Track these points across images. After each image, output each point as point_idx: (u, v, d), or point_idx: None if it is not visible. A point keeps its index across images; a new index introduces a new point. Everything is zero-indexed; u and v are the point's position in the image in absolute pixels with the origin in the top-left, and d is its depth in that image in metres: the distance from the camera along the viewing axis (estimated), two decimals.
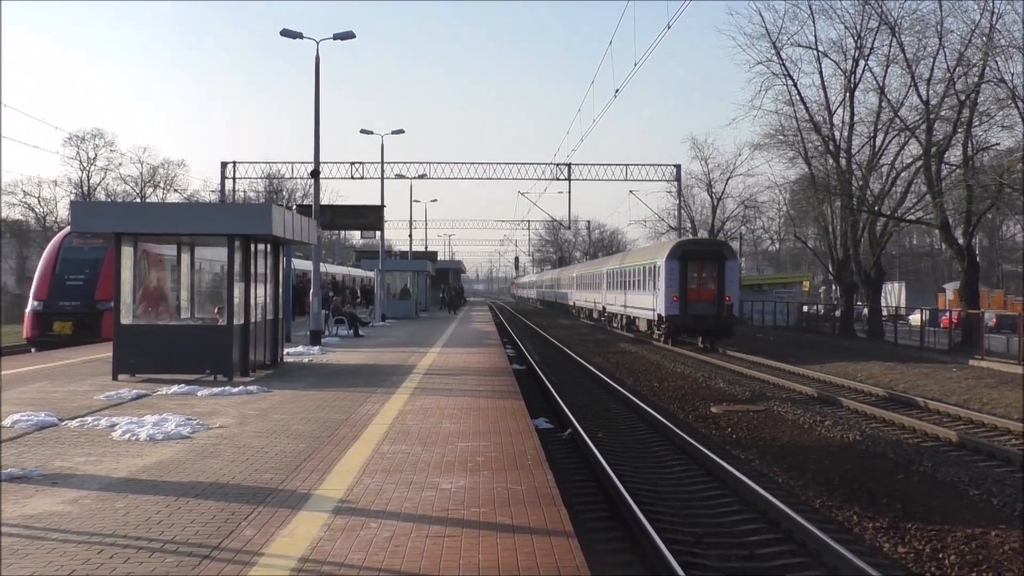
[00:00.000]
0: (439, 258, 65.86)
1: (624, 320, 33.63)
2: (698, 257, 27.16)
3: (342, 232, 70.49)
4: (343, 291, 41.82)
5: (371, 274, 48.61)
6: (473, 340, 22.19)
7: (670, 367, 21.36)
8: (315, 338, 18.52)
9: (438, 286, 48.89)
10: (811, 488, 8.71)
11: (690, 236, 41.94)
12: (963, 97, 24.98)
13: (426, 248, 60.99)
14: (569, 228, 56.78)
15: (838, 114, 29.61)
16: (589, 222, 78.43)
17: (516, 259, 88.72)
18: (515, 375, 13.89)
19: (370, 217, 27.51)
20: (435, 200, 60.37)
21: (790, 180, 39.70)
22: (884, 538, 7.15)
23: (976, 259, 26.76)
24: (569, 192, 41.53)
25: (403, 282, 36.95)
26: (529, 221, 72.29)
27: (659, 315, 27.85)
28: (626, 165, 40.53)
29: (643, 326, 30.26)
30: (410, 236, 46.54)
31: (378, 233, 31.02)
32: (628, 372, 20.41)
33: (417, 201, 54.84)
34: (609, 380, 17.68)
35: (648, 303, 29.48)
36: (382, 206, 28.66)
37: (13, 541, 4.73)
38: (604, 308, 38.36)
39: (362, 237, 39.01)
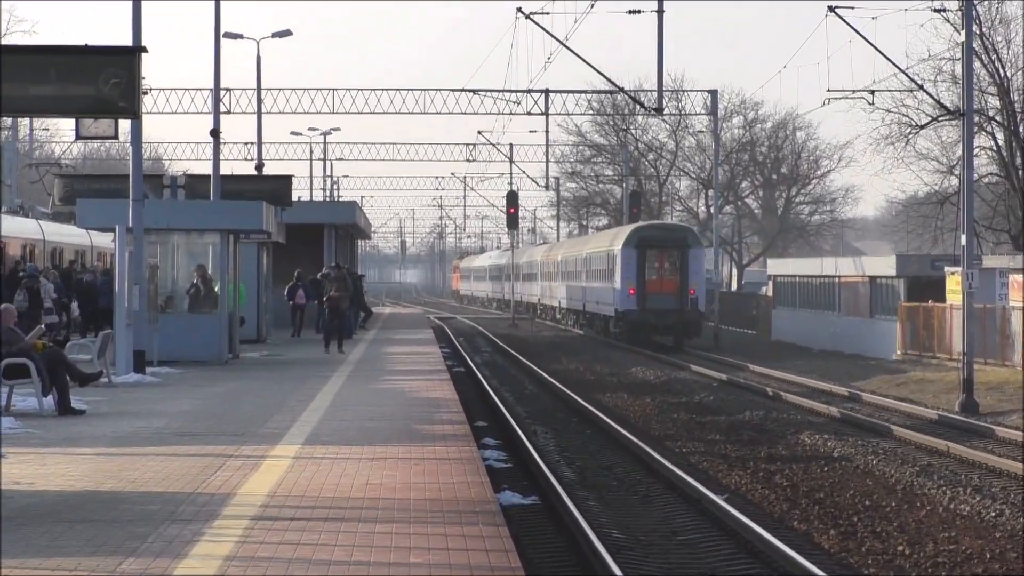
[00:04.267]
0: (299, 198, 65.81)
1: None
2: (658, 244, 60.75)
3: (26, 123, 69.93)
4: (30, 287, 41.69)
5: (106, 241, 49.12)
6: (393, 421, 22.56)
7: (964, 514, 21.48)
8: None
9: (292, 271, 49.92)
10: None
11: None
12: None
13: (260, 168, 61.05)
14: (660, 110, 56.58)
15: None
16: (714, 95, 77.73)
17: (511, 196, 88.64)
18: (510, 518, 13.99)
19: (102, 83, 27.22)
20: (286, 33, 60.10)
21: None
22: None
23: None
24: (660, 13, 41.25)
25: (196, 262, 37.97)
26: (547, 91, 71.59)
27: (615, 310, 60.36)
28: None
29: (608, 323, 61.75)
30: (215, 135, 46.23)
31: (129, 127, 31.03)
32: (845, 528, 20.43)
33: (236, 37, 54.28)
34: (783, 547, 17.69)
35: (606, 297, 59.76)
36: (138, 49, 28.44)
37: None
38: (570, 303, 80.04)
39: (82, 137, 39.15)
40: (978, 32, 48.98)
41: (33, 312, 35.08)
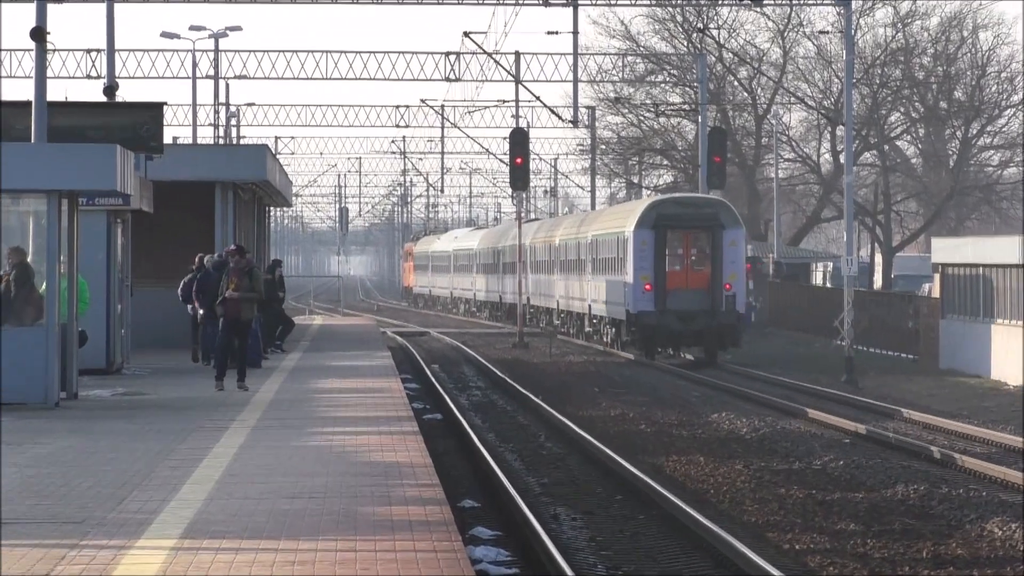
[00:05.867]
0: (174, 139, 65.22)
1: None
2: (682, 224, 70.13)
3: None
4: None
5: None
6: (327, 499, 23.29)
7: None
8: None
9: (164, 256, 53.20)
10: None
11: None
12: None
13: (112, 91, 61.17)
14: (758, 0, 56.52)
15: None
16: None
17: (517, 137, 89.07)
18: None
19: None
20: None
21: None
22: None
23: None
24: None
25: (9, 243, 39.09)
26: None
27: (627, 312, 72.65)
28: None
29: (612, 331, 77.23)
30: (38, 38, 46.47)
31: None
32: None
33: None
34: None
35: (616, 295, 74.35)
36: None
37: None
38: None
39: None
40: None
41: None
